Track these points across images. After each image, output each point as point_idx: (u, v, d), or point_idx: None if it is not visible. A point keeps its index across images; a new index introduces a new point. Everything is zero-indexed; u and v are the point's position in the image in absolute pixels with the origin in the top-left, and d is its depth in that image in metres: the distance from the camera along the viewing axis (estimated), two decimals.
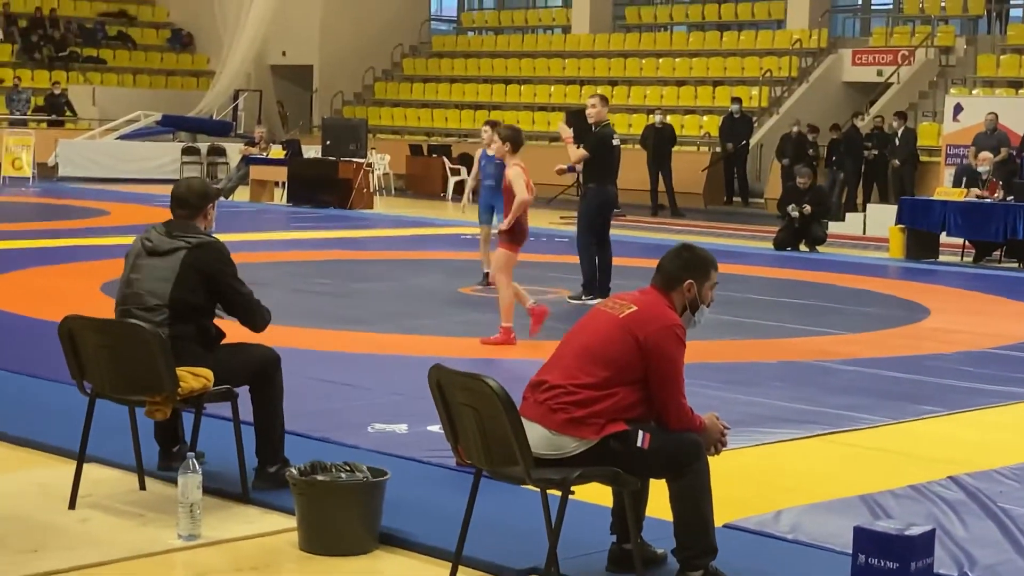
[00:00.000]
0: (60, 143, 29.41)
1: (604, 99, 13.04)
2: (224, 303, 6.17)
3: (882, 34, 29.22)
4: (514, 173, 10.51)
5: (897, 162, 23.58)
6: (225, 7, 33.34)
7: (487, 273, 13.63)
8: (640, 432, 4.95)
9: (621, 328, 5.00)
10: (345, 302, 12.66)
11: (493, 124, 13.61)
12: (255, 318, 6.24)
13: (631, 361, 4.96)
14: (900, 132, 23.72)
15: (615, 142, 12.88)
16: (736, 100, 26.99)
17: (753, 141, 27.35)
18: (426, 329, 11.24)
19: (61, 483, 6.10)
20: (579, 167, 13.42)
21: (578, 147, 12.82)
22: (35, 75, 33.46)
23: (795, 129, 25.22)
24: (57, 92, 31.96)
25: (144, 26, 37.77)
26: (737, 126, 26.51)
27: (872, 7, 32.19)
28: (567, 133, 12.75)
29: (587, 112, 12.94)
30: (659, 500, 5.22)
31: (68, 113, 32.20)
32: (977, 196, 17.81)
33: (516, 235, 10.46)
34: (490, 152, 13.40)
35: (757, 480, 6.74)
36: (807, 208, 18.40)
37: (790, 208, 18.57)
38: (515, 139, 10.62)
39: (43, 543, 5.47)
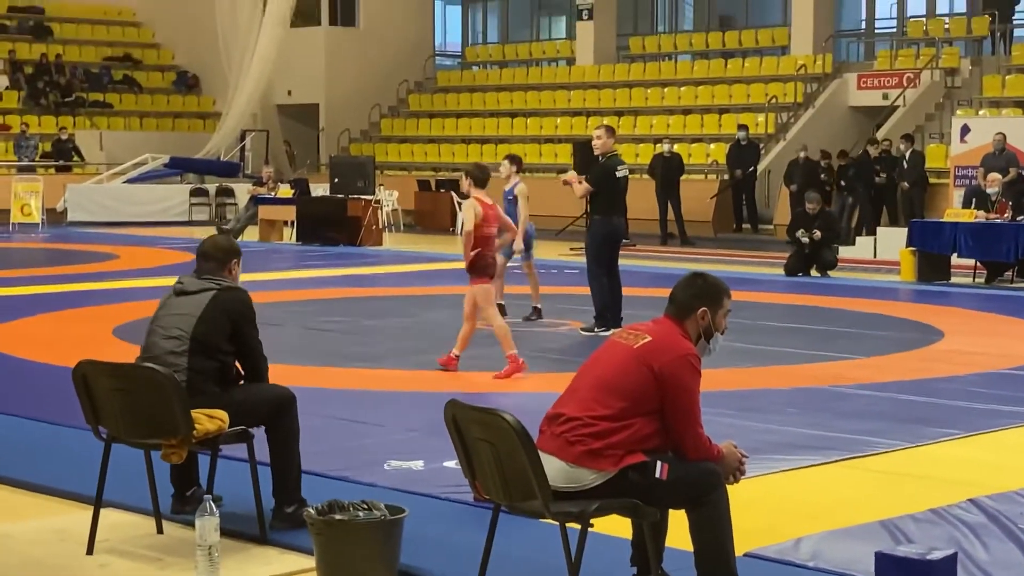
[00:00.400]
0: (68, 188, 29.50)
1: (610, 130, 13.02)
2: (237, 348, 6.22)
3: (887, 57, 29.25)
4: (465, 205, 10.63)
5: (907, 185, 23.54)
6: (230, 48, 33.48)
7: (502, 304, 13.66)
8: (658, 463, 4.93)
9: (636, 359, 4.99)
10: (357, 339, 12.65)
11: (510, 158, 13.75)
12: (260, 371, 6.30)
13: (647, 392, 4.95)
14: (908, 155, 23.70)
15: (619, 173, 12.78)
16: (742, 127, 27.02)
17: (760, 167, 27.36)
18: (439, 365, 11.20)
19: (79, 529, 6.09)
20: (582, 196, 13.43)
21: (581, 181, 12.88)
22: (42, 121, 33.59)
23: (802, 154, 25.22)
24: (64, 137, 32.08)
25: (149, 69, 37.93)
26: (744, 153, 26.53)
27: (876, 31, 32.25)
28: (570, 176, 12.95)
29: (593, 143, 12.93)
30: (679, 530, 5.20)
31: (76, 158, 32.31)
32: (986, 217, 17.79)
33: (479, 268, 10.52)
34: (506, 187, 13.49)
35: (776, 508, 6.71)
36: (817, 233, 18.39)
37: (800, 233, 18.56)
38: (475, 175, 10.74)
39: None
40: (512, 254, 13.59)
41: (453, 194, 28.93)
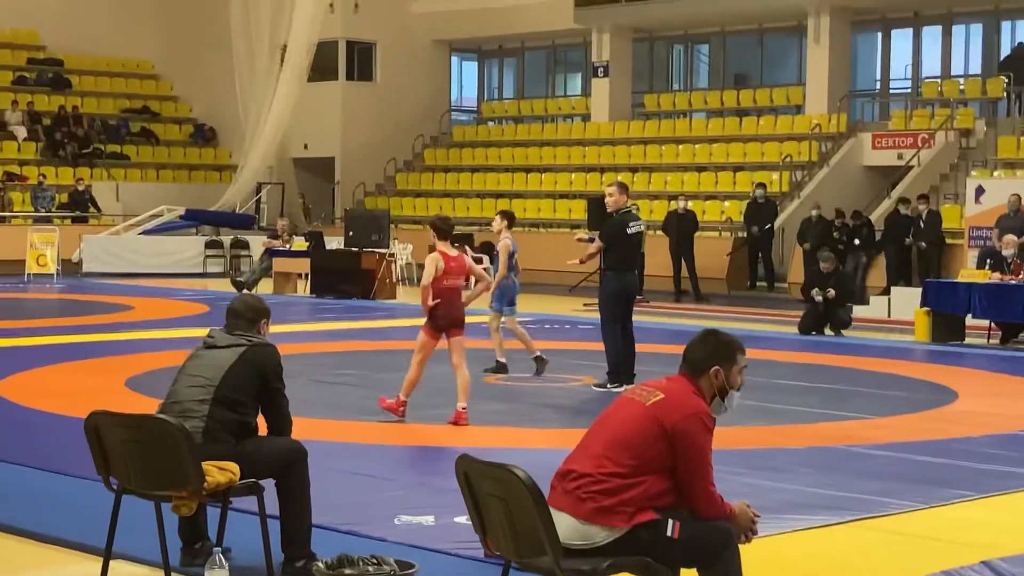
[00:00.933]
0: (84, 239, 29.62)
1: (622, 186, 13.03)
2: (264, 403, 6.30)
3: (901, 118, 29.32)
4: (428, 259, 10.93)
5: (923, 244, 23.51)
6: (247, 101, 33.68)
7: (503, 362, 13.69)
8: (670, 521, 4.90)
9: (648, 417, 4.98)
10: (369, 393, 12.62)
11: (502, 213, 14.01)
12: (284, 428, 6.36)
13: (659, 449, 4.93)
14: (925, 215, 23.68)
15: (631, 229, 12.78)
16: (760, 185, 27.05)
17: (775, 225, 27.37)
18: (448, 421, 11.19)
19: None
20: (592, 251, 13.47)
21: (591, 240, 13.01)
22: (59, 172, 33.76)
23: (814, 213, 25.23)
24: (81, 188, 32.24)
25: (167, 122, 38.15)
26: (761, 211, 26.52)
27: (891, 91, 32.34)
28: (580, 236, 13.17)
29: (605, 200, 12.96)
30: None
31: (92, 209, 32.46)
32: (1001, 278, 17.76)
33: (432, 319, 10.78)
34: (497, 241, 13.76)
35: (788, 567, 6.66)
36: (831, 292, 18.37)
37: (814, 292, 18.54)
38: (438, 226, 11.15)
39: None
40: (502, 309, 13.78)
41: (467, 248, 28.97)
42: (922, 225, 23.64)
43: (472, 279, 11.54)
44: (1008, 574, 6.47)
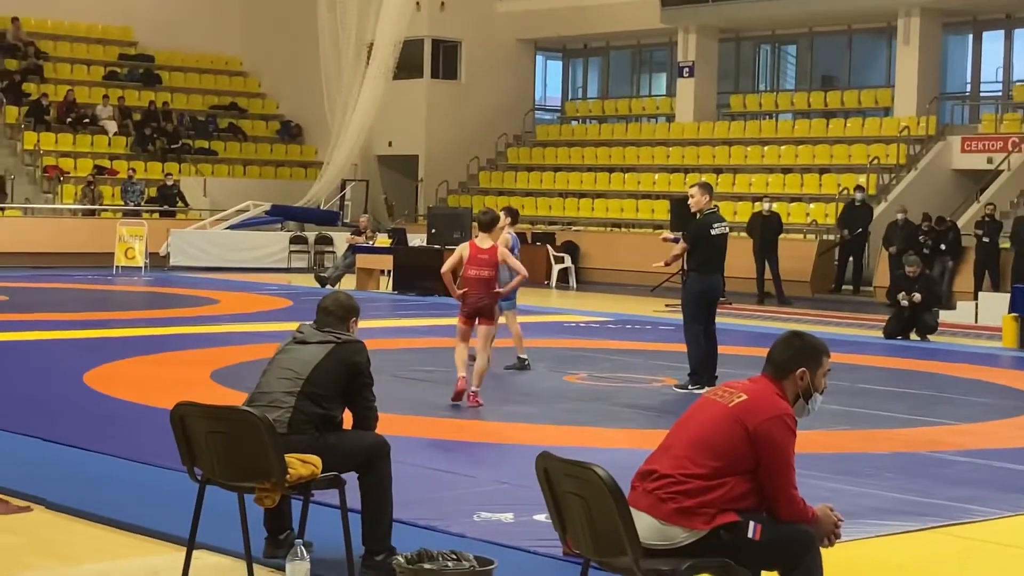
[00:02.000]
0: (172, 233, 29.97)
1: (704, 186, 12.91)
2: (350, 399, 6.34)
3: (991, 121, 28.93)
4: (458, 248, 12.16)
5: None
6: (333, 99, 33.91)
7: (524, 358, 14.00)
8: (751, 523, 4.87)
9: (731, 418, 4.95)
10: (449, 390, 12.67)
11: (506, 210, 14.27)
12: (370, 423, 6.41)
13: (741, 451, 4.90)
14: None
15: (714, 231, 12.70)
16: (859, 188, 26.76)
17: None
18: (531, 417, 11.21)
19: (171, 570, 6.15)
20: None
21: (676, 240, 12.94)
22: (148, 167, 34.20)
23: (900, 216, 24.96)
24: (169, 183, 32.64)
25: (254, 118, 38.51)
26: (858, 214, 26.22)
27: (981, 94, 31.93)
28: (666, 235, 13.18)
29: (689, 201, 12.91)
30: None
31: (180, 204, 32.85)
32: None
33: (463, 306, 11.82)
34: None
35: (871, 573, 6.60)
36: (917, 296, 18.17)
37: (900, 296, 18.35)
38: (476, 218, 12.31)
39: None
40: (504, 304, 13.64)
41: (548, 247, 29.01)
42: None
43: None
44: None
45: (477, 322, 11.69)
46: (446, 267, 12.05)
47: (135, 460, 8.75)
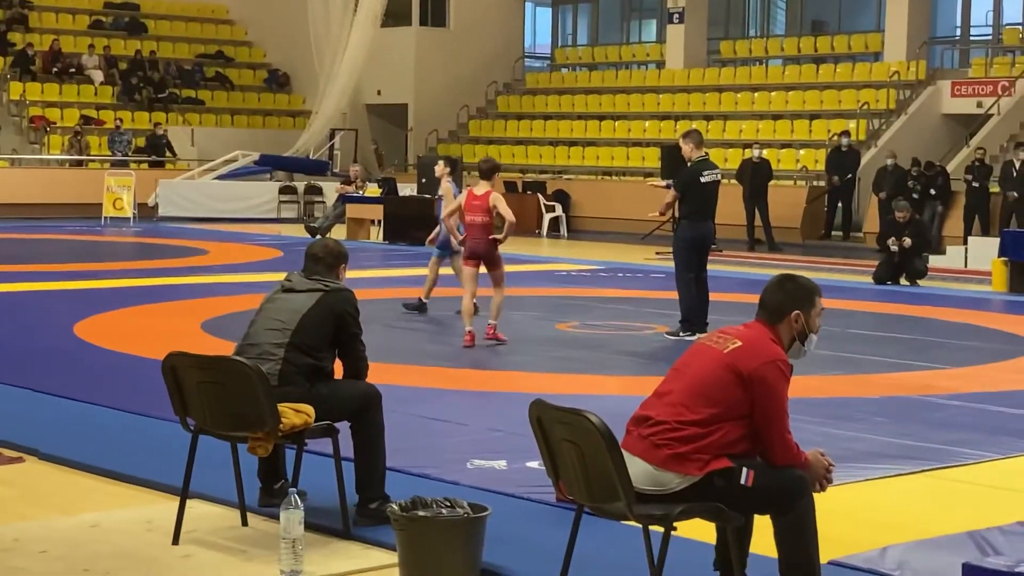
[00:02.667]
0: (160, 183, 29.87)
1: (688, 136, 12.84)
2: (340, 347, 6.33)
3: (981, 65, 28.86)
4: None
5: (1015, 195, 23.05)
6: (321, 48, 33.72)
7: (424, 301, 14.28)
8: (744, 469, 4.89)
9: (725, 364, 4.95)
10: (441, 339, 12.70)
11: (445, 159, 15.00)
12: (360, 372, 6.39)
13: (737, 397, 4.91)
14: (1020, 165, 23.17)
15: (704, 178, 12.68)
16: (845, 133, 26.71)
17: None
18: (523, 365, 11.23)
19: (165, 519, 6.16)
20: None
21: (667, 186, 12.96)
22: (135, 116, 34.02)
23: (890, 161, 24.93)
24: (159, 133, 32.49)
25: (241, 67, 38.30)
26: (844, 160, 26.19)
27: (971, 38, 31.83)
28: (655, 183, 13.27)
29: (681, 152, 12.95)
30: (763, 536, 5.15)
31: (168, 154, 32.72)
32: None
33: (465, 249, 12.29)
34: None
35: (862, 517, 6.63)
36: (907, 241, 18.17)
37: (890, 242, 18.35)
38: (478, 166, 12.68)
39: None
40: (453, 253, 13.86)
41: (539, 196, 28.96)
42: (1014, 174, 23.17)
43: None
44: None
45: (484, 269, 12.16)
46: (446, 213, 12.75)
47: (127, 411, 8.76)
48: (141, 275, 17.95)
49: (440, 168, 14.67)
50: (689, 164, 12.77)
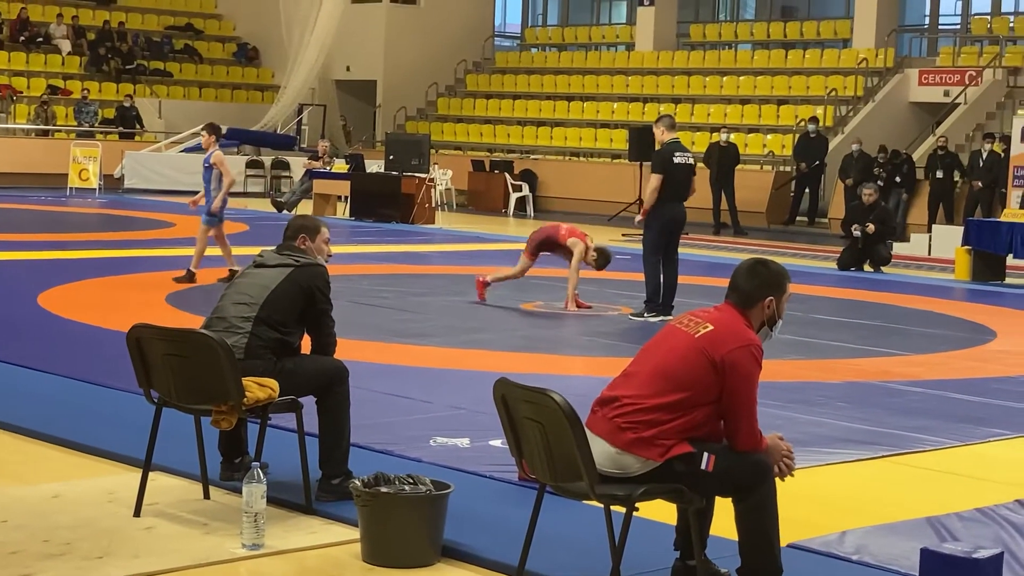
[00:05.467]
0: (126, 155, 29.69)
1: (659, 122, 13.03)
2: (308, 324, 6.33)
3: (949, 54, 29.00)
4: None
5: (980, 184, 23.22)
6: (291, 22, 33.57)
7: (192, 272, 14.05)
8: (705, 454, 4.91)
9: (697, 349, 4.94)
10: (406, 316, 12.70)
11: (209, 127, 14.44)
12: (328, 347, 6.39)
13: (707, 382, 4.90)
14: (986, 154, 23.33)
15: (676, 160, 12.78)
16: (813, 119, 26.81)
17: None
18: (487, 344, 11.25)
19: (127, 491, 6.16)
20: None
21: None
22: (103, 87, 33.80)
23: (855, 147, 25.04)
24: (128, 104, 32.29)
25: (210, 40, 38.09)
26: (812, 145, 26.29)
27: (939, 27, 31.96)
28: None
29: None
30: (723, 518, 5.19)
31: (137, 126, 32.53)
32: None
33: None
34: (205, 155, 14.33)
35: (822, 500, 6.69)
36: (871, 227, 18.26)
37: (853, 228, 18.44)
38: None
39: (109, 550, 5.51)
40: (212, 215, 14.15)
41: (507, 175, 28.96)
42: (980, 164, 23.33)
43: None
44: None
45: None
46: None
47: (90, 382, 8.73)
48: (106, 247, 17.85)
49: (206, 138, 14.25)
50: (660, 147, 12.84)
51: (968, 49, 29.05)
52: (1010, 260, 18.17)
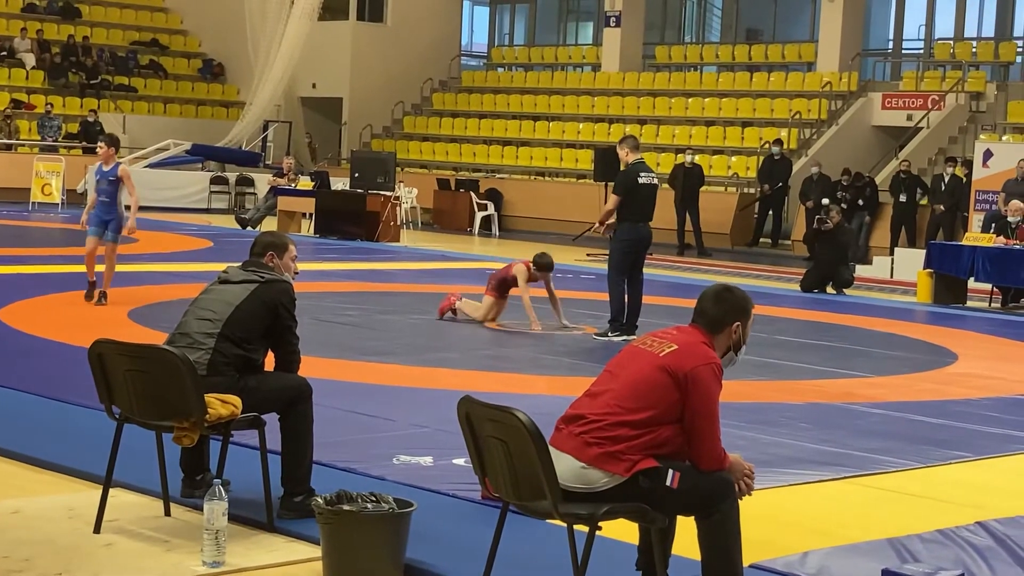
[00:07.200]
0: (89, 169, 29.38)
1: (623, 142, 13.08)
2: (273, 341, 6.30)
3: (912, 78, 29.21)
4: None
5: (942, 207, 23.39)
6: (257, 39, 33.52)
7: (95, 284, 13.57)
8: (670, 471, 4.92)
9: (661, 368, 4.97)
10: (370, 334, 12.67)
11: (108, 139, 14.10)
12: (292, 365, 6.37)
13: (671, 400, 4.93)
14: (948, 178, 23.52)
15: (641, 179, 12.82)
16: (777, 142, 26.95)
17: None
18: (451, 362, 11.24)
19: (87, 507, 6.11)
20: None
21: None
22: (67, 102, 33.65)
23: (814, 170, 25.23)
24: (92, 119, 32.15)
25: (176, 56, 38.00)
26: (776, 168, 26.43)
27: (903, 51, 32.20)
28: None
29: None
30: (686, 538, 5.19)
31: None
32: (1005, 242, 17.76)
33: None
34: (106, 168, 13.79)
35: (784, 521, 6.70)
36: (835, 216, 18.44)
37: (817, 218, 18.66)
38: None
39: (68, 567, 5.47)
40: (118, 233, 13.79)
41: (472, 194, 28.97)
42: (943, 187, 23.52)
43: None
44: (1002, 535, 6.50)
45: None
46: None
47: (51, 397, 8.67)
48: (69, 261, 17.73)
49: (106, 151, 13.86)
50: (625, 167, 12.88)
51: (931, 73, 29.28)
52: (971, 283, 18.29)
